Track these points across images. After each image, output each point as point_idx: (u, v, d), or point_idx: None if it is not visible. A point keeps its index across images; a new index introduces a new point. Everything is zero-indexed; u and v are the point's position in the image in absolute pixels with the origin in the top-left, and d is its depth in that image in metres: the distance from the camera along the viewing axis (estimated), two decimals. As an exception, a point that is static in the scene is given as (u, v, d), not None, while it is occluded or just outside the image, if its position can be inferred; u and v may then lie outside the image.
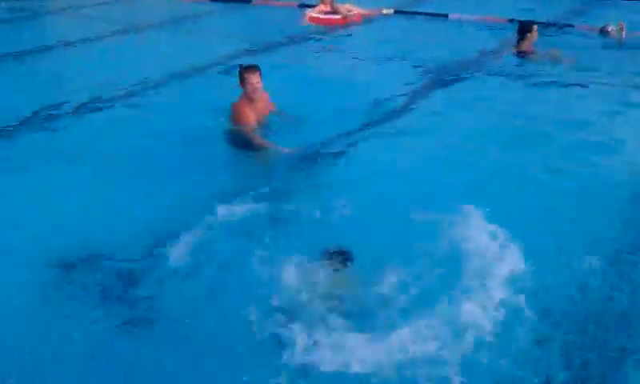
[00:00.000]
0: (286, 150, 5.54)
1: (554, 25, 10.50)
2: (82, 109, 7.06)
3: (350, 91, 7.37)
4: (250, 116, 5.75)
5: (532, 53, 8.53)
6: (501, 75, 8.08)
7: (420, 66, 8.41)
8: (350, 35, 10.51)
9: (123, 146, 5.98)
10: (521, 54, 8.55)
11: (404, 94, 7.26)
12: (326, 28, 10.70)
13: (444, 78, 7.94)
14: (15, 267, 4.12)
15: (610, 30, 9.20)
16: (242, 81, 5.74)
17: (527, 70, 8.16)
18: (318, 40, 10.18)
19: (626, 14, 10.34)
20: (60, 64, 9.40)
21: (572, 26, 10.38)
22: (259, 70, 5.79)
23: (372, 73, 8.49)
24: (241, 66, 5.88)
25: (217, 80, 8.16)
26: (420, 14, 11.65)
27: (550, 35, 9.72)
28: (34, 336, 3.54)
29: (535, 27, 8.57)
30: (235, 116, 5.83)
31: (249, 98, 5.76)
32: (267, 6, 13.00)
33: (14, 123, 6.56)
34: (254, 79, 5.70)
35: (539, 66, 8.24)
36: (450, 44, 9.75)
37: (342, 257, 3.92)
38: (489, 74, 8.12)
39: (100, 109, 7.08)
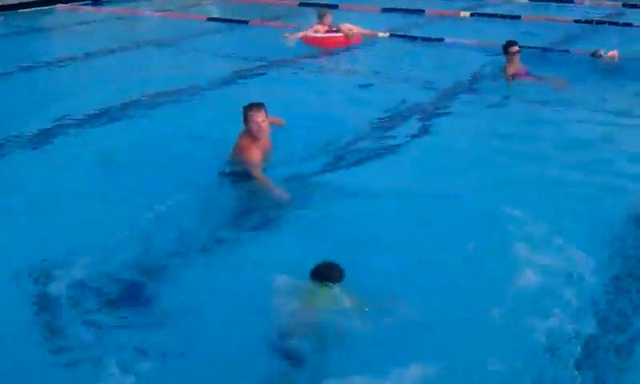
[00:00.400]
0: (283, 195, 5.19)
1: (551, 50, 10.50)
2: (78, 125, 7.14)
3: (342, 114, 7.37)
4: (255, 154, 5.48)
5: (523, 75, 8.49)
6: (490, 99, 8.10)
7: (414, 90, 8.42)
8: (347, 56, 10.50)
9: (115, 164, 6.03)
10: (511, 77, 8.51)
11: (395, 119, 7.28)
12: (324, 48, 10.64)
13: (436, 102, 7.95)
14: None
15: (602, 54, 9.18)
16: (247, 119, 5.44)
17: (516, 94, 8.22)
18: (314, 60, 10.17)
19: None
20: (55, 81, 9.46)
21: (567, 51, 10.37)
22: (264, 107, 5.48)
23: (365, 95, 8.48)
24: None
25: (215, 98, 8.24)
26: (415, 38, 11.67)
27: (544, 59, 9.78)
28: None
29: (512, 49, 8.45)
30: (240, 153, 5.56)
31: (253, 136, 5.47)
32: (264, 27, 13.04)
33: (9, 139, 6.64)
34: (259, 117, 5.40)
35: (528, 89, 8.28)
36: (444, 68, 9.72)
37: (329, 273, 3.78)
38: (480, 98, 8.16)
39: (95, 126, 7.13)
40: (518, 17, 13.22)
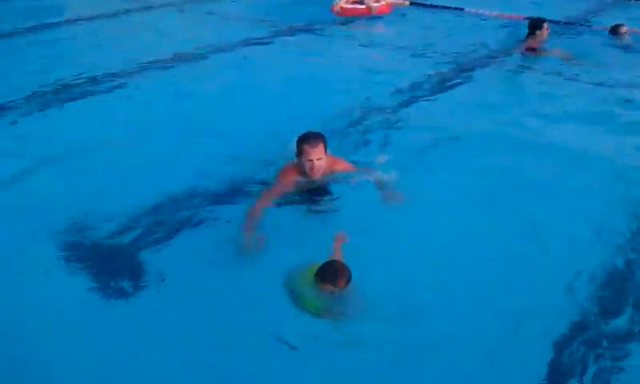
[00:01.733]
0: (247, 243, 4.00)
1: (573, 24, 10.32)
2: (91, 87, 7.12)
3: (357, 85, 7.27)
4: (287, 184, 4.47)
5: (540, 50, 8.40)
6: (507, 72, 7.96)
7: (429, 61, 8.30)
8: (366, 25, 10.35)
9: (125, 128, 5.98)
10: (528, 51, 8.42)
11: (407, 90, 7.16)
12: (349, 18, 10.48)
13: (452, 73, 7.82)
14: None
15: (625, 31, 8.98)
16: (300, 153, 4.38)
17: (534, 68, 8.05)
18: (335, 28, 10.05)
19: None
20: (65, 43, 9.41)
21: (589, 25, 10.18)
22: (323, 140, 4.38)
23: (376, 66, 8.30)
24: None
25: (230, 64, 8.18)
26: (436, 6, 11.53)
27: (563, 34, 9.62)
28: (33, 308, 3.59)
29: (545, 25, 8.44)
30: (277, 181, 4.56)
31: (303, 172, 4.43)
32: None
33: (16, 99, 6.64)
34: (315, 154, 4.31)
35: (546, 63, 8.13)
36: (463, 38, 9.57)
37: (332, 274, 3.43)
38: (495, 70, 8.00)
39: (104, 90, 7.07)
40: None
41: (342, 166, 4.65)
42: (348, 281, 3.45)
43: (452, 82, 7.47)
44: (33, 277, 3.83)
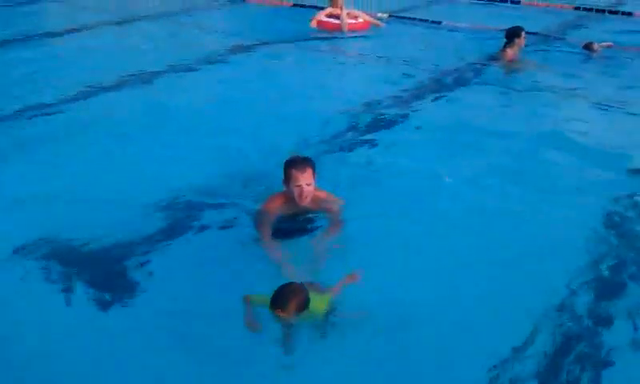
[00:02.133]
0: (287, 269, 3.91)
1: (548, 36, 10.48)
2: (75, 101, 7.09)
3: (335, 98, 7.32)
4: (272, 212, 4.36)
5: (516, 61, 8.53)
6: (483, 84, 8.05)
7: (406, 74, 8.34)
8: (343, 40, 10.37)
9: (111, 141, 5.97)
10: (506, 62, 8.53)
11: (385, 103, 7.18)
12: (328, 32, 10.52)
13: (430, 85, 7.89)
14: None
15: (595, 48, 9.14)
16: (287, 179, 4.26)
17: (511, 78, 8.18)
18: (313, 43, 10.10)
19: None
20: (51, 56, 9.29)
21: (563, 38, 10.36)
22: (311, 165, 4.27)
23: (353, 79, 8.46)
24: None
25: (207, 77, 8.19)
26: (414, 19, 11.68)
27: (540, 46, 9.77)
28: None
29: (523, 33, 8.55)
30: (262, 206, 4.45)
31: (290, 199, 4.33)
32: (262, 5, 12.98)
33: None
34: (304, 179, 4.20)
35: (523, 74, 8.26)
36: (441, 51, 9.68)
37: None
38: (472, 83, 8.08)
39: (97, 100, 7.09)
40: (518, 2, 13.18)
41: (330, 199, 4.48)
42: (300, 307, 3.28)
43: (432, 95, 7.52)
44: (32, 278, 3.88)
